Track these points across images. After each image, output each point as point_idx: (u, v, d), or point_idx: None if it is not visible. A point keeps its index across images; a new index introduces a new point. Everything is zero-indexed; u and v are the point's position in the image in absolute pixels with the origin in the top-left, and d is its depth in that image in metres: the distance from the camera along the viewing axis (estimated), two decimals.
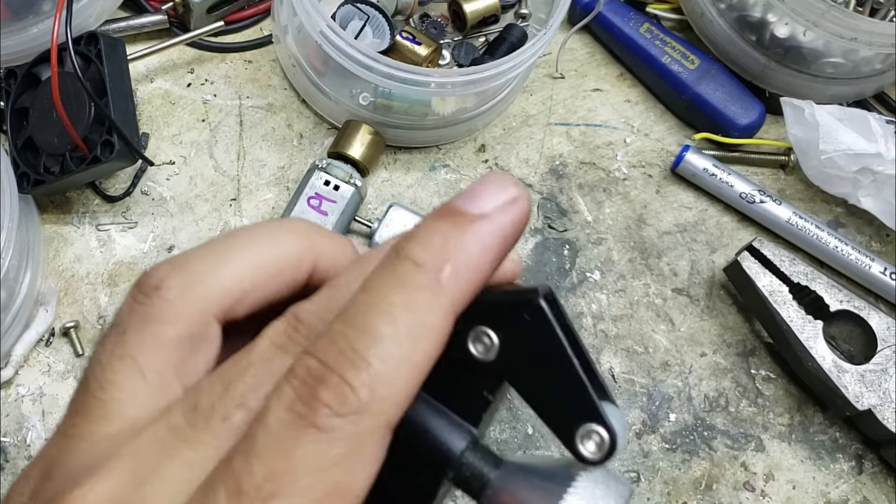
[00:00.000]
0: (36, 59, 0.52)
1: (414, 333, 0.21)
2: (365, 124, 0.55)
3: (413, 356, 0.21)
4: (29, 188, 0.50)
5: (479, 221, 0.22)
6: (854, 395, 0.51)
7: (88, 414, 0.24)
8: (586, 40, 0.65)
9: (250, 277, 0.25)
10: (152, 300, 0.24)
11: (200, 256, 0.26)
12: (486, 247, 0.22)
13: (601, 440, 0.25)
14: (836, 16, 0.54)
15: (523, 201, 0.23)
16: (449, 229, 0.22)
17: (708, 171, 0.58)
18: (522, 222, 0.23)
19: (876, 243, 0.60)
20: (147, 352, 0.24)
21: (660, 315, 0.56)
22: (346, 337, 0.21)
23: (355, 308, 0.21)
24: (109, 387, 0.24)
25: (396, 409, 0.21)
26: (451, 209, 0.22)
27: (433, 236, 0.22)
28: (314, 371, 0.20)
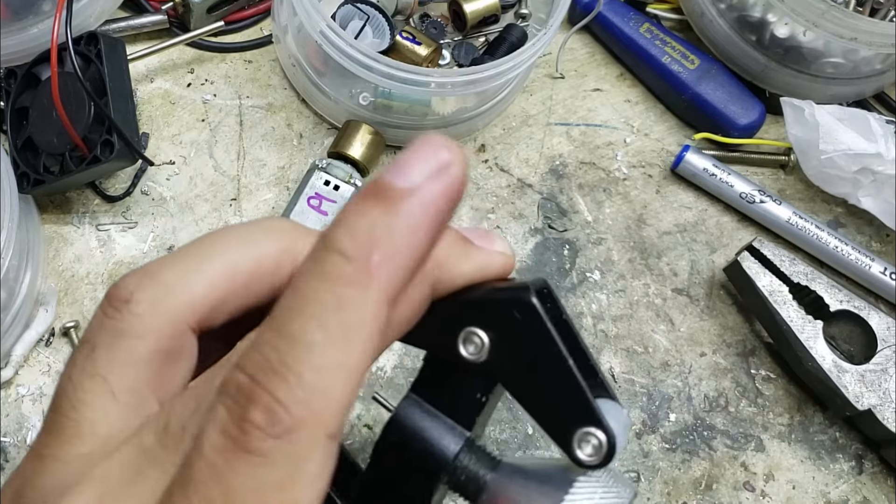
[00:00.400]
0: (36, 58, 0.52)
1: (346, 335, 0.19)
2: (365, 124, 0.55)
3: (348, 359, 0.19)
4: (29, 188, 0.50)
5: (406, 198, 0.20)
6: (854, 395, 0.51)
7: (61, 433, 0.23)
8: (586, 40, 0.65)
9: (225, 285, 0.24)
10: (122, 314, 0.24)
11: (172, 265, 0.25)
12: (416, 226, 0.20)
13: (599, 444, 0.24)
14: (836, 16, 0.54)
15: (456, 166, 0.20)
16: (375, 211, 0.20)
17: (708, 170, 0.58)
18: (457, 191, 0.20)
19: (876, 243, 0.60)
20: (118, 370, 0.23)
21: (660, 315, 0.56)
22: (274, 347, 0.19)
23: (282, 312, 0.20)
24: (81, 406, 0.23)
25: (336, 418, 0.19)
26: (377, 186, 0.20)
27: (359, 221, 0.20)
28: (244, 388, 0.19)
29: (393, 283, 0.20)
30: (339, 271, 0.19)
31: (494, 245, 0.26)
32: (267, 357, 0.19)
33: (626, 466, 0.51)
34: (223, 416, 0.19)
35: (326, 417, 0.19)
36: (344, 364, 0.19)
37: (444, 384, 0.25)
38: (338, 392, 0.19)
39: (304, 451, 0.19)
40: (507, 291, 0.25)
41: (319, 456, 0.19)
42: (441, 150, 0.20)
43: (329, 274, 0.19)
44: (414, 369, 0.52)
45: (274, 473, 0.18)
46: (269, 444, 0.18)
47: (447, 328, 0.24)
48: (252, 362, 0.19)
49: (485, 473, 0.25)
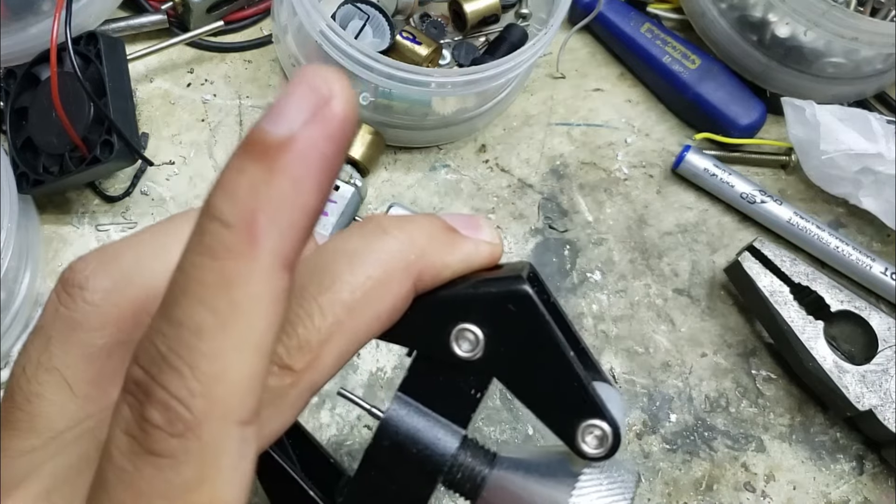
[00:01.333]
0: (35, 58, 0.52)
1: (238, 313, 0.17)
2: (365, 124, 0.55)
3: (246, 339, 0.17)
4: (28, 188, 0.50)
5: (285, 150, 0.17)
6: (855, 396, 0.51)
7: (14, 426, 0.22)
8: (587, 40, 0.65)
9: None
10: (76, 304, 0.22)
11: (131, 248, 0.23)
12: (300, 178, 0.17)
13: (603, 435, 0.23)
14: (836, 15, 0.54)
15: (337, 99, 0.17)
16: (253, 168, 0.17)
17: (709, 171, 0.58)
18: (341, 129, 0.18)
19: (877, 243, 0.60)
20: (74, 363, 0.22)
21: (660, 315, 0.56)
22: (164, 335, 0.17)
23: (168, 296, 0.18)
24: (36, 399, 0.22)
25: (245, 403, 0.17)
26: (253, 138, 0.18)
27: (238, 182, 0.17)
28: (140, 383, 0.17)
29: (284, 247, 0.18)
30: (221, 242, 0.17)
31: (481, 233, 0.24)
32: (157, 347, 0.17)
33: None
34: (126, 415, 0.17)
35: (232, 405, 0.17)
36: (241, 345, 0.17)
37: (436, 382, 0.24)
38: (240, 375, 0.17)
39: (213, 445, 0.17)
40: (500, 283, 0.23)
41: (233, 447, 0.17)
42: (317, 84, 0.17)
43: (210, 247, 0.17)
44: None
45: (184, 474, 0.17)
46: (172, 443, 0.17)
47: (436, 325, 0.23)
48: (144, 353, 0.17)
49: (482, 470, 0.24)
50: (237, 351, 0.17)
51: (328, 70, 0.17)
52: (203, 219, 0.17)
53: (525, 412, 0.51)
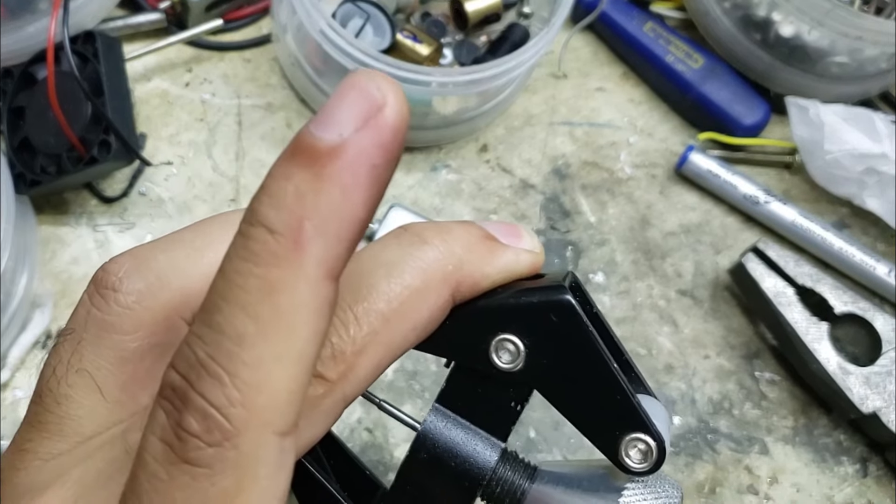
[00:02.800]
0: (32, 58, 0.51)
1: (280, 322, 0.17)
2: None
3: (288, 349, 0.17)
4: (25, 189, 0.50)
5: (334, 157, 0.17)
6: (859, 398, 0.51)
7: (44, 428, 0.22)
8: (589, 39, 0.64)
9: None
10: (110, 306, 0.22)
11: (165, 250, 0.22)
12: (350, 187, 0.17)
13: (648, 449, 0.22)
14: (841, 14, 0.54)
15: (390, 107, 0.17)
16: (301, 175, 0.17)
17: (712, 171, 0.58)
18: (393, 138, 0.17)
19: (881, 244, 0.60)
20: (106, 367, 0.22)
21: (663, 317, 0.55)
22: (204, 342, 0.17)
23: (209, 302, 0.17)
24: (65, 402, 0.22)
25: (285, 414, 0.17)
26: (301, 143, 0.17)
27: (285, 188, 0.17)
28: (177, 388, 0.17)
29: (329, 257, 0.17)
30: (266, 248, 0.17)
31: (522, 242, 0.24)
32: (196, 353, 0.17)
33: None
34: (161, 421, 0.17)
35: (271, 415, 0.17)
36: (283, 354, 0.17)
37: (475, 394, 0.23)
38: (281, 385, 0.17)
39: (250, 455, 0.17)
40: (541, 292, 0.22)
41: (271, 457, 0.17)
42: (370, 89, 0.17)
43: (254, 253, 0.17)
44: (414, 372, 0.51)
45: (219, 484, 0.17)
46: (209, 452, 0.16)
47: (475, 335, 0.23)
48: (182, 358, 0.17)
49: (522, 484, 0.24)
50: (278, 360, 0.17)
51: (381, 76, 0.17)
52: (247, 224, 0.17)
53: (527, 416, 0.51)
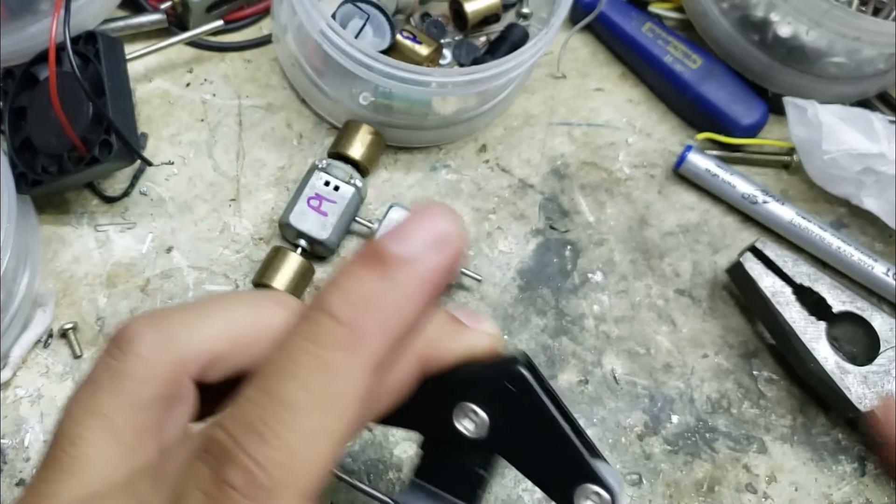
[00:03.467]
0: (34, 58, 0.52)
1: (331, 399, 0.19)
2: (365, 124, 0.54)
3: (330, 425, 0.19)
4: (27, 188, 0.50)
5: (404, 267, 0.20)
6: (857, 397, 0.51)
7: (59, 469, 0.23)
8: (588, 40, 0.64)
9: (226, 342, 0.25)
10: (126, 356, 0.24)
11: (178, 314, 0.25)
12: (411, 296, 0.20)
13: (599, 500, 0.25)
14: (838, 15, 0.54)
15: (455, 240, 0.21)
16: (371, 277, 0.20)
17: (710, 171, 0.58)
18: (454, 265, 0.21)
19: (879, 244, 0.60)
20: (121, 411, 0.23)
21: (662, 316, 0.56)
22: (257, 405, 0.19)
23: (267, 371, 0.20)
24: (80, 443, 0.23)
25: (314, 484, 0.19)
26: (375, 252, 0.20)
27: (353, 284, 0.20)
28: (223, 444, 0.19)
29: (382, 351, 0.20)
30: (329, 334, 0.20)
31: (482, 325, 0.27)
32: (248, 415, 0.19)
33: (628, 468, 0.51)
34: (203, 474, 0.19)
35: (305, 482, 0.19)
36: (327, 430, 0.19)
37: (444, 463, 0.26)
38: (319, 457, 0.19)
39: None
40: (499, 365, 0.26)
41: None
42: (442, 221, 0.21)
43: (318, 335, 0.20)
44: None
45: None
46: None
47: (441, 406, 0.25)
48: (233, 419, 0.19)
49: None
50: (322, 434, 0.19)
51: (451, 211, 0.21)
52: (315, 311, 0.20)
53: None
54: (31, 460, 0.48)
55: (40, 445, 0.48)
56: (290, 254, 0.51)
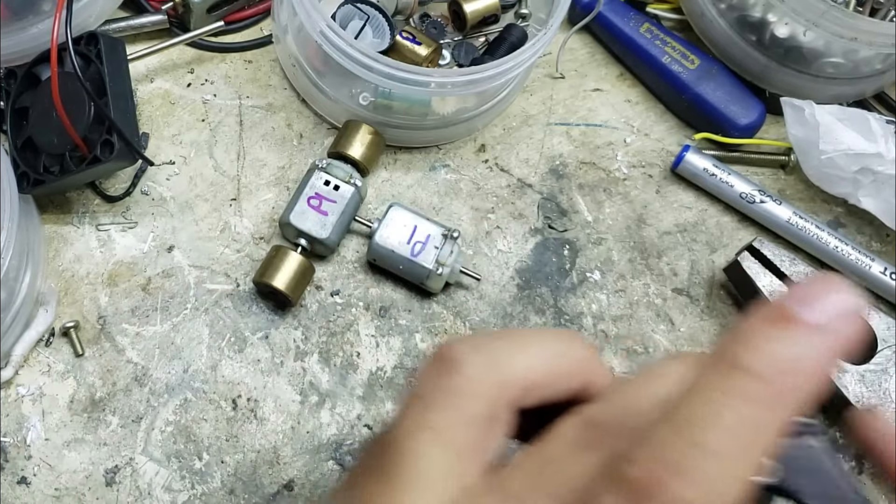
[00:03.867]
0: (36, 58, 0.52)
1: (746, 450, 0.20)
2: (365, 124, 0.55)
3: (744, 473, 0.20)
4: (29, 188, 0.50)
5: (817, 333, 0.21)
6: (854, 396, 0.51)
7: (392, 479, 0.24)
8: (586, 40, 0.65)
9: (542, 370, 0.26)
10: (453, 376, 0.25)
11: (500, 341, 0.26)
12: (821, 361, 0.21)
13: None
14: (836, 16, 0.54)
15: (858, 315, 0.22)
16: (785, 337, 0.21)
17: (708, 171, 0.58)
18: (854, 338, 0.22)
19: (876, 243, 0.60)
20: (452, 426, 0.24)
21: (660, 315, 0.56)
22: (675, 447, 0.20)
23: (684, 416, 0.21)
24: (413, 456, 0.24)
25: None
26: (785, 314, 0.21)
27: (766, 344, 0.21)
28: (640, 480, 0.20)
29: (794, 410, 0.21)
30: (746, 388, 0.21)
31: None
32: (665, 454, 0.20)
33: None
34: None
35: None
36: (741, 477, 0.20)
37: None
38: (724, 501, 0.20)
39: None
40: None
41: None
42: (848, 295, 0.22)
43: (735, 389, 0.21)
44: (415, 369, 0.52)
45: None
46: None
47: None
48: (649, 457, 0.20)
49: None
50: (733, 482, 0.20)
51: (852, 286, 0.22)
52: (724, 366, 0.21)
53: None
54: (33, 458, 0.48)
55: (42, 444, 0.48)
56: (290, 253, 0.51)
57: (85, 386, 0.50)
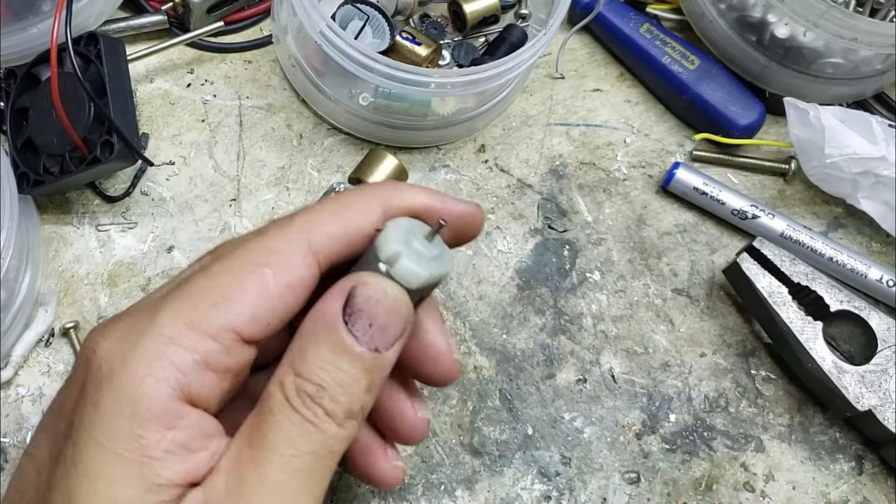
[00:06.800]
0: (36, 59, 0.52)
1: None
2: (390, 155, 0.54)
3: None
4: (29, 188, 0.50)
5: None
6: (854, 396, 0.51)
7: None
8: (586, 40, 0.65)
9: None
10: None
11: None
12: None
13: None
14: (836, 16, 0.54)
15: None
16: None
17: (699, 189, 0.58)
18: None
19: (876, 244, 0.60)
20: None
21: (660, 315, 0.56)
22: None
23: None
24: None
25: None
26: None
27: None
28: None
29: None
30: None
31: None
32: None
33: (626, 467, 0.51)
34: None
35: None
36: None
37: None
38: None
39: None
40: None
41: None
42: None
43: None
44: None
45: None
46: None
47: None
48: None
49: None
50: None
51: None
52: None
53: (525, 413, 0.51)
54: None
55: None
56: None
57: None
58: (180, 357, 0.29)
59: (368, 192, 0.34)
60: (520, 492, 0.49)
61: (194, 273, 0.32)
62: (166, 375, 0.29)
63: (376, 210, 0.34)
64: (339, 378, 0.30)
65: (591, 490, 0.50)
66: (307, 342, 0.30)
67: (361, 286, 0.30)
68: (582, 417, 0.52)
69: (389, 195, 0.34)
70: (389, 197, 0.34)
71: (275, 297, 0.31)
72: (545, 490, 0.50)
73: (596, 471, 0.51)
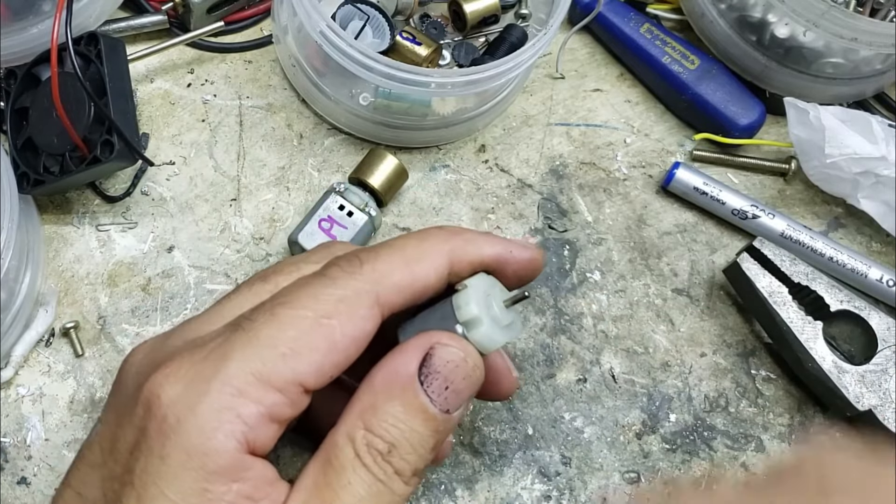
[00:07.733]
0: (36, 59, 0.52)
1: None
2: (391, 155, 0.54)
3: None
4: (29, 188, 0.50)
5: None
6: (854, 396, 0.51)
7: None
8: (586, 40, 0.65)
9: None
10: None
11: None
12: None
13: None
14: (836, 16, 0.54)
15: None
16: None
17: (699, 189, 0.58)
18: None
19: (876, 244, 0.60)
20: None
21: (660, 315, 0.56)
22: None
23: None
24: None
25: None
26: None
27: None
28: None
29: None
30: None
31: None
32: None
33: (626, 467, 0.51)
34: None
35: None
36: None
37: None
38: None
39: None
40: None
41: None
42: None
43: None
44: None
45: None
46: None
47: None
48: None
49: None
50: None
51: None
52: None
53: (525, 412, 0.51)
54: (33, 459, 0.48)
55: (42, 444, 0.48)
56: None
57: (85, 386, 0.50)
58: (248, 410, 0.29)
59: (436, 241, 0.34)
60: (520, 491, 0.50)
61: (257, 314, 0.32)
62: (234, 429, 0.29)
63: (444, 263, 0.33)
64: (411, 437, 0.30)
65: (591, 490, 0.50)
66: (380, 398, 0.30)
67: (440, 348, 0.30)
68: (582, 417, 0.52)
69: (457, 247, 0.34)
70: (457, 249, 0.34)
71: (340, 350, 0.31)
72: (545, 490, 0.50)
73: (596, 471, 0.51)
